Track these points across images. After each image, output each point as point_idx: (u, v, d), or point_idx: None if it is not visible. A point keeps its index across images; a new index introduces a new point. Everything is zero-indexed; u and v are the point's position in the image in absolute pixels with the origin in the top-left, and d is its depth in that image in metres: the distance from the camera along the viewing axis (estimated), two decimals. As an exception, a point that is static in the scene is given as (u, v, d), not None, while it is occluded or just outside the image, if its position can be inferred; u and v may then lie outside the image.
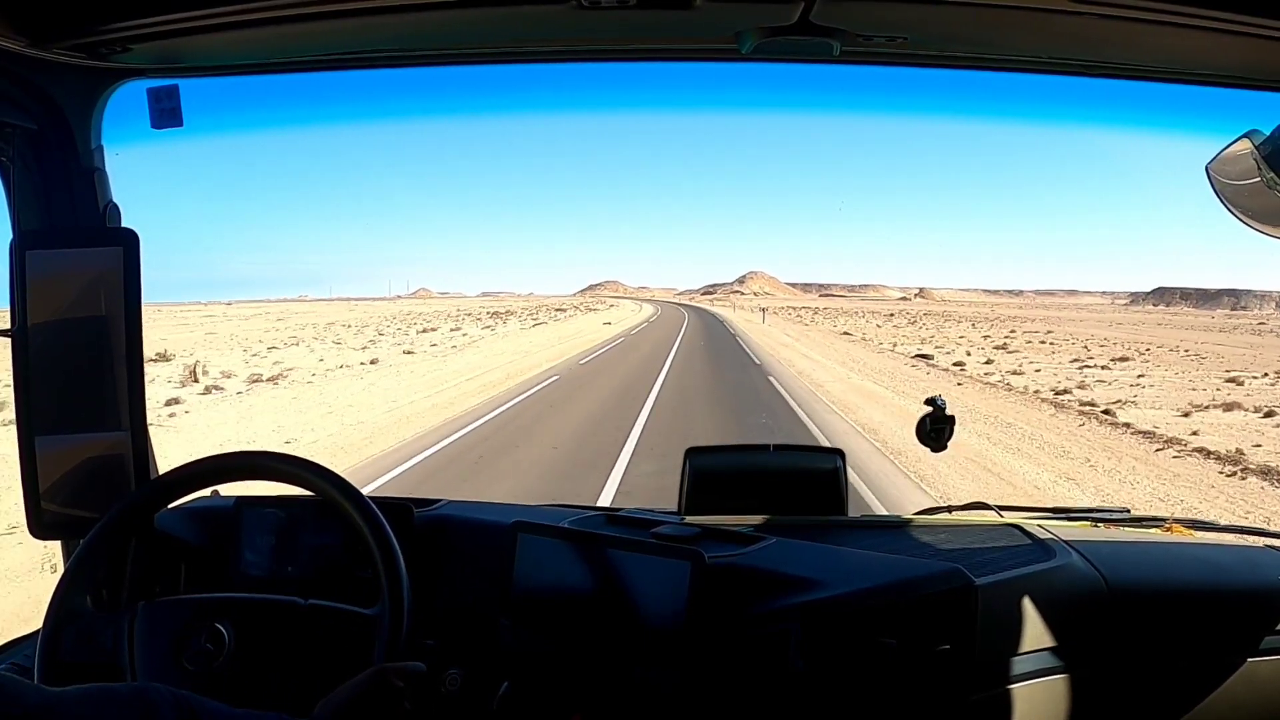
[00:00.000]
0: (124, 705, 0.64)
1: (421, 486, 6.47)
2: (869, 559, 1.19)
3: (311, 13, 0.97)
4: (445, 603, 1.24)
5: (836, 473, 1.46)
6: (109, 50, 1.07)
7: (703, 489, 1.45)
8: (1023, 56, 1.12)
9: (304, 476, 1.09)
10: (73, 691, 0.62)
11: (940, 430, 1.50)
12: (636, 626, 1.05)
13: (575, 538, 1.12)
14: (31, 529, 1.19)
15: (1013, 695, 1.16)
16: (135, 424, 1.19)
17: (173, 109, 1.22)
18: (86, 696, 0.62)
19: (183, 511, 1.35)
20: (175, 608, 1.07)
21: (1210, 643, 1.24)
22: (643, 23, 1.04)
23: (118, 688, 0.67)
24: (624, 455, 7.73)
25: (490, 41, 1.15)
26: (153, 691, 0.67)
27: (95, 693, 0.64)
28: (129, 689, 0.66)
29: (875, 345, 29.01)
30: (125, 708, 0.64)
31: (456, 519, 1.35)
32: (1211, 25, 0.88)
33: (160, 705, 0.66)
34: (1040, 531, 1.41)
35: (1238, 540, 1.51)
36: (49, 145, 1.21)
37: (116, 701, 0.64)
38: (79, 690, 0.63)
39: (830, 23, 0.97)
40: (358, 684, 0.86)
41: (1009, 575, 1.19)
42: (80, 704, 0.61)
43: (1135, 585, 1.25)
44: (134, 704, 0.65)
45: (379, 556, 1.04)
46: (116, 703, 0.64)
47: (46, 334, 1.16)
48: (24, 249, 1.16)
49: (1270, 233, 0.90)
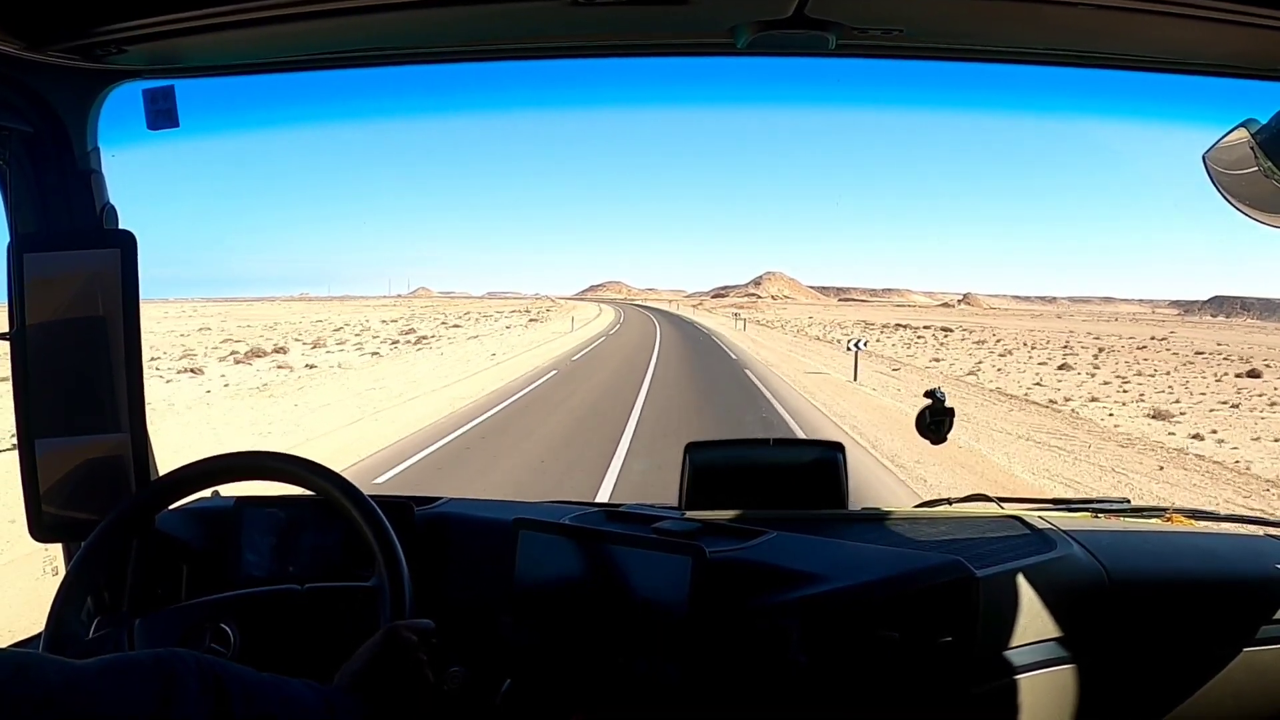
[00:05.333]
0: (147, 675, 0.63)
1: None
2: (870, 552, 1.20)
3: (306, 12, 0.97)
4: (447, 600, 1.25)
5: (836, 466, 1.46)
6: (104, 52, 1.07)
7: (703, 484, 1.45)
8: (1019, 48, 1.12)
9: (303, 476, 1.09)
10: (94, 663, 0.61)
11: (940, 422, 1.50)
12: (638, 622, 1.05)
13: (576, 534, 1.12)
14: (32, 532, 1.19)
15: (1015, 686, 1.16)
16: (135, 425, 1.19)
17: (168, 110, 1.22)
18: (109, 668, 0.61)
19: (183, 512, 1.35)
20: (175, 616, 1.08)
21: (1211, 632, 1.24)
22: (638, 19, 1.04)
23: (140, 656, 0.65)
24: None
25: (483, 39, 1.15)
26: (176, 659, 0.66)
27: (118, 663, 0.63)
28: (151, 657, 0.65)
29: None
30: (148, 677, 0.63)
31: (457, 517, 1.35)
32: (1207, 15, 0.88)
33: (184, 673, 0.65)
34: (1040, 523, 1.41)
35: (1238, 529, 1.51)
36: (45, 148, 1.20)
37: (139, 671, 0.63)
38: (100, 662, 0.62)
39: (826, 16, 0.97)
40: (372, 645, 0.87)
41: (1010, 567, 1.19)
42: (102, 677, 0.60)
43: (1136, 575, 1.25)
44: (157, 673, 0.63)
45: (375, 542, 1.04)
46: (139, 673, 0.62)
47: (45, 336, 1.16)
48: (21, 252, 1.16)
49: (1268, 221, 0.90)
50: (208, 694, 0.65)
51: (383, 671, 0.85)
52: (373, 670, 0.85)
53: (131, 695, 0.61)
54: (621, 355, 22.87)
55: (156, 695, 0.62)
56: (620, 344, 27.88)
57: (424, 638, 0.91)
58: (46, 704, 0.55)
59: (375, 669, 0.85)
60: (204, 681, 0.65)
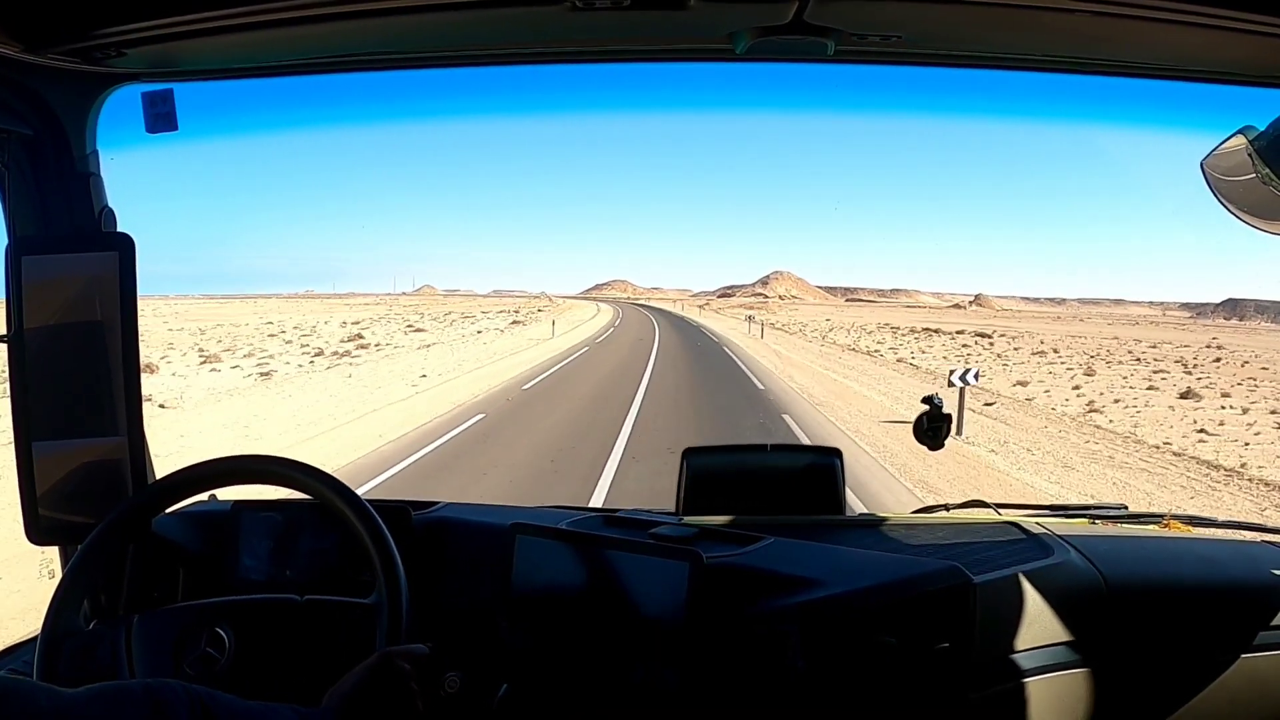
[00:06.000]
0: (138, 704, 0.63)
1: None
2: (867, 558, 1.19)
3: (307, 16, 0.97)
4: (444, 605, 1.24)
5: (834, 472, 1.46)
6: (103, 55, 1.07)
7: (700, 489, 1.45)
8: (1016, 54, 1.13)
9: (300, 480, 1.09)
10: (84, 692, 0.61)
11: (937, 429, 1.50)
12: (635, 627, 1.05)
13: (573, 539, 1.12)
14: (29, 535, 1.19)
15: (1012, 692, 1.16)
16: (132, 429, 1.19)
17: (167, 113, 1.22)
18: (99, 696, 0.62)
19: (180, 516, 1.35)
20: (172, 616, 1.07)
21: (1208, 638, 1.24)
22: (636, 23, 1.04)
23: (130, 685, 0.66)
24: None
25: (482, 43, 1.15)
26: (166, 689, 0.66)
27: (108, 692, 0.63)
28: (142, 686, 0.66)
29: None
30: (139, 707, 0.63)
31: (454, 521, 1.35)
32: (1204, 22, 0.88)
33: (174, 702, 0.65)
34: (1038, 529, 1.41)
35: (1235, 536, 1.51)
36: (44, 150, 1.21)
37: (130, 701, 0.63)
38: (90, 690, 0.62)
39: (824, 22, 0.97)
40: (363, 669, 0.86)
41: (1007, 573, 1.19)
42: (92, 704, 0.60)
43: (1133, 581, 1.25)
44: (147, 700, 0.64)
45: (374, 552, 1.04)
46: (130, 702, 0.63)
47: (43, 339, 1.16)
48: (20, 254, 1.16)
49: (1265, 228, 0.90)
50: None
51: (372, 700, 0.84)
52: (362, 697, 0.84)
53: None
54: (601, 375, 14.99)
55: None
56: (604, 358, 19.28)
57: (417, 665, 0.89)
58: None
59: (365, 695, 0.84)
60: (193, 711, 0.66)
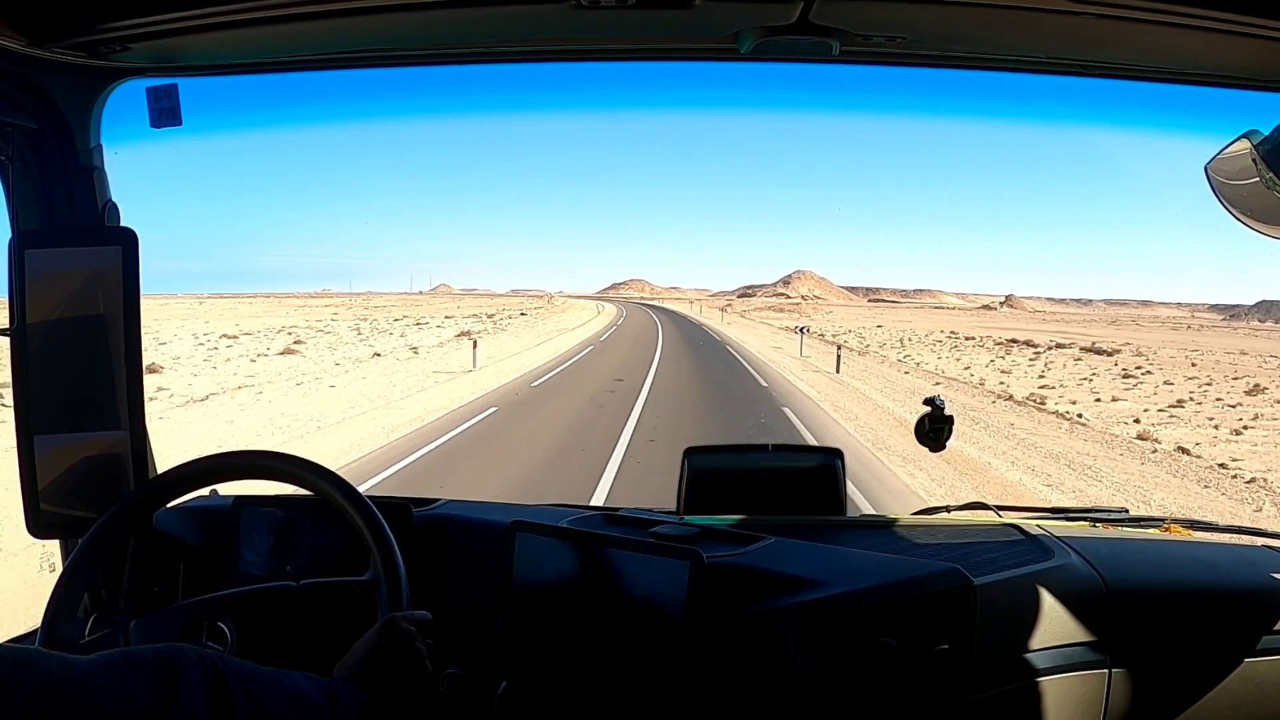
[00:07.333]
0: (149, 668, 0.63)
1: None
2: (867, 559, 1.19)
3: (311, 12, 0.97)
4: (444, 602, 1.24)
5: (835, 472, 1.46)
6: (108, 49, 1.08)
7: (701, 489, 1.45)
8: (1020, 56, 1.13)
9: (301, 475, 1.09)
10: (96, 659, 0.61)
11: (939, 430, 1.50)
12: (635, 626, 1.05)
13: (574, 537, 1.12)
14: (30, 528, 1.19)
15: (1012, 694, 1.16)
16: (134, 423, 1.19)
17: (171, 108, 1.22)
18: (110, 664, 0.61)
19: (181, 511, 1.35)
20: (172, 614, 1.07)
21: (1209, 642, 1.24)
22: (641, 22, 1.04)
23: (142, 651, 0.65)
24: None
25: (488, 40, 1.15)
26: (177, 653, 0.66)
27: (119, 659, 0.62)
28: (153, 651, 0.65)
29: None
30: (150, 671, 0.62)
31: (455, 519, 1.35)
32: (1209, 25, 0.88)
33: (186, 666, 0.65)
34: (1038, 531, 1.41)
35: (1235, 540, 1.51)
36: (48, 144, 1.21)
37: (141, 665, 0.63)
38: (101, 658, 0.61)
39: (829, 22, 0.98)
40: (370, 636, 0.88)
41: (1007, 575, 1.19)
42: (104, 672, 0.60)
43: (1133, 585, 1.25)
44: (159, 666, 0.63)
45: (366, 531, 1.05)
46: (141, 666, 0.62)
47: (45, 333, 1.16)
48: (23, 248, 1.16)
49: (1269, 233, 0.90)
50: (210, 687, 0.65)
51: (382, 662, 0.85)
52: (372, 661, 0.85)
53: (134, 689, 0.60)
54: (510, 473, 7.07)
55: (159, 689, 0.62)
56: (557, 408, 11.07)
57: (422, 628, 0.91)
58: (49, 698, 0.55)
59: (375, 659, 0.85)
60: (206, 675, 0.65)
